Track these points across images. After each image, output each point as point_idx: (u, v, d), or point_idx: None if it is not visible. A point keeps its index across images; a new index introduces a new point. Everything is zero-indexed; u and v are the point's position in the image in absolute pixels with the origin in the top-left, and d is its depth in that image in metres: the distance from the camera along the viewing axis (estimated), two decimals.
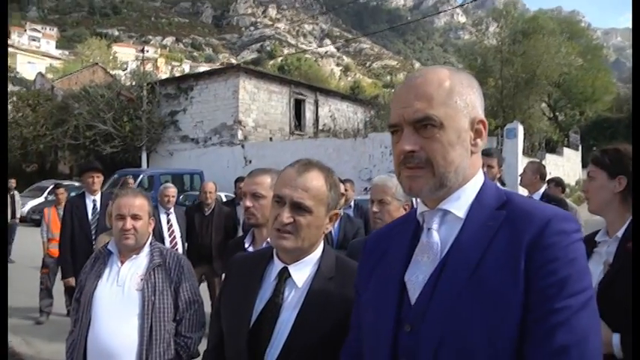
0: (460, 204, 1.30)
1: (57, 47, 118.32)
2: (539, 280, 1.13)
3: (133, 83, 30.47)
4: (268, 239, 2.67)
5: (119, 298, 2.81)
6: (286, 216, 1.73)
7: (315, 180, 1.79)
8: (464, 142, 1.29)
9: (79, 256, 5.70)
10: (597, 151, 2.50)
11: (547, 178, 5.98)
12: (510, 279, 1.15)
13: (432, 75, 1.31)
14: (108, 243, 3.03)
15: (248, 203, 2.68)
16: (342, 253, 2.34)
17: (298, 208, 1.74)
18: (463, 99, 1.29)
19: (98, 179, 6.17)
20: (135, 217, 2.86)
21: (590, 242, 2.45)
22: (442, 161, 1.26)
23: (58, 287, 7.39)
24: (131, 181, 12.76)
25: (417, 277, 1.30)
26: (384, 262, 1.44)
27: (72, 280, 5.95)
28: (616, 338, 2.06)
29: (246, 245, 2.82)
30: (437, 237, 1.30)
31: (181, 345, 2.91)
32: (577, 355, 1.09)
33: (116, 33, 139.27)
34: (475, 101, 1.32)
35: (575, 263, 1.16)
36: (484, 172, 1.40)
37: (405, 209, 2.97)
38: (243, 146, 25.79)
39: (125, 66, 68.59)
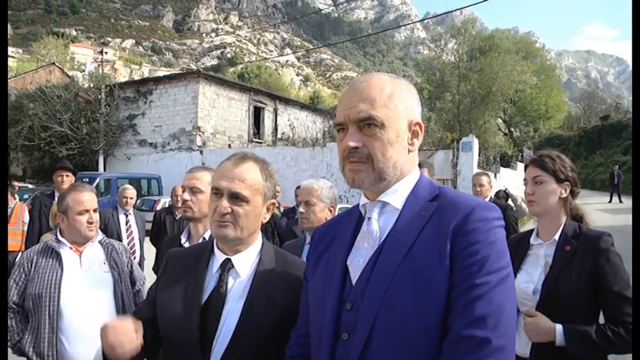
0: (397, 196, 1.47)
1: (10, 45, 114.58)
2: (463, 260, 1.30)
3: (91, 85, 29.69)
4: (205, 235, 2.80)
5: (90, 283, 2.94)
6: (225, 206, 1.78)
7: (251, 171, 1.87)
8: (402, 142, 1.45)
9: None
10: (539, 157, 2.60)
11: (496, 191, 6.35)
12: (438, 260, 1.31)
13: (375, 80, 1.47)
14: (47, 240, 3.04)
15: (186, 196, 2.82)
16: None
17: (236, 198, 1.80)
18: (402, 103, 1.45)
19: (68, 178, 6.04)
20: (95, 211, 3.08)
21: (523, 243, 2.66)
22: (381, 157, 1.42)
23: None
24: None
25: (357, 261, 1.45)
26: (331, 250, 1.59)
27: None
28: (560, 328, 2.24)
29: (183, 241, 2.92)
30: (376, 225, 1.47)
31: None
32: (493, 323, 1.24)
33: (74, 33, 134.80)
34: (413, 106, 1.49)
35: (494, 245, 1.32)
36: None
37: (330, 211, 3.10)
38: (201, 152, 25.58)
39: (83, 67, 66.80)
